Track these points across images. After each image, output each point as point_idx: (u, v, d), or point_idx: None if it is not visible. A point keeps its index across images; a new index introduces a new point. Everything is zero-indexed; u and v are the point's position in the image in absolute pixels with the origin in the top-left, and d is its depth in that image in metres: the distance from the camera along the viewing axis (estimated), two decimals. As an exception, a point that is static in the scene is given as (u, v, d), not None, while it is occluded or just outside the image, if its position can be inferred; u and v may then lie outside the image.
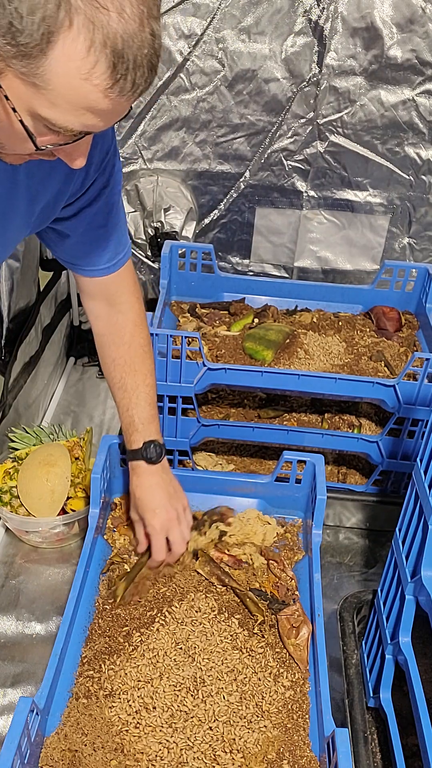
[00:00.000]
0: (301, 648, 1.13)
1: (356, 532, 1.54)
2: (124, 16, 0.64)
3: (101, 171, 1.03)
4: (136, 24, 0.65)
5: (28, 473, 1.41)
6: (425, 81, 1.72)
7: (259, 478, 1.41)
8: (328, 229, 1.96)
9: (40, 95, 0.67)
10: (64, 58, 0.64)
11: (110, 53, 0.65)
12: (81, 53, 0.64)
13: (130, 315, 1.24)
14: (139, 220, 1.95)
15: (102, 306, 1.23)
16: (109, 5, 0.63)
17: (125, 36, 0.65)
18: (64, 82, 0.66)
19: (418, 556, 0.95)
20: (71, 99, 0.68)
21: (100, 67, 0.65)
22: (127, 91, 0.68)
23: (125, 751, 0.97)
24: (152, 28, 0.67)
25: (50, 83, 0.66)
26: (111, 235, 1.13)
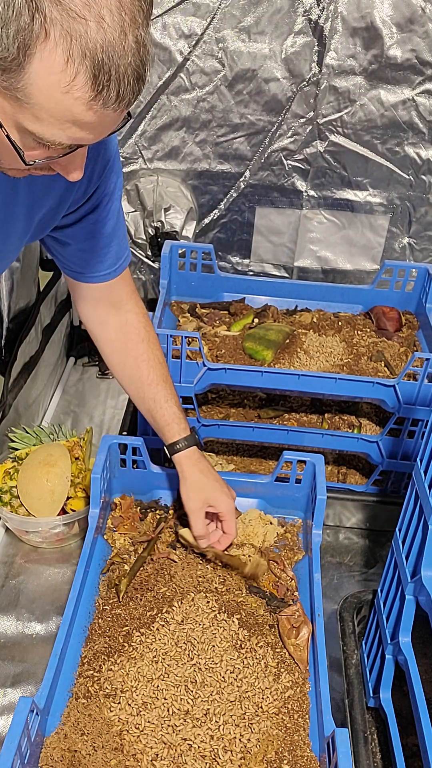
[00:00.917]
0: (301, 648, 1.13)
1: (356, 532, 1.54)
2: (103, 25, 0.61)
3: (103, 179, 1.02)
4: (116, 33, 0.62)
5: (28, 473, 1.41)
6: (425, 81, 1.72)
7: (259, 478, 1.41)
8: (328, 229, 1.96)
9: (24, 109, 0.66)
10: (43, 71, 0.62)
11: (90, 64, 0.62)
12: (59, 65, 0.62)
13: (139, 312, 1.24)
14: (139, 220, 1.95)
15: (106, 310, 1.22)
16: (87, 15, 0.60)
17: (106, 46, 0.62)
18: (45, 96, 0.64)
19: (418, 556, 0.95)
20: (54, 112, 0.66)
21: (80, 79, 0.63)
22: (112, 102, 0.66)
23: (125, 751, 0.97)
24: (136, 36, 0.64)
25: (32, 97, 0.65)
26: (112, 242, 1.13)
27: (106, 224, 1.09)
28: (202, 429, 1.49)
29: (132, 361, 1.25)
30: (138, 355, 1.24)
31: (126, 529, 1.33)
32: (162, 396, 1.25)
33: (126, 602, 1.19)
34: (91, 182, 1.01)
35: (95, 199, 1.04)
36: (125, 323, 1.24)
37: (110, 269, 1.16)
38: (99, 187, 1.02)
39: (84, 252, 1.12)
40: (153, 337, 1.27)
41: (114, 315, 1.23)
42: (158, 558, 1.26)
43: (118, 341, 1.25)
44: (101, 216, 1.07)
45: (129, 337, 1.24)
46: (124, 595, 1.19)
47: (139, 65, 0.66)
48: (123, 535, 1.32)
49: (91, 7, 0.60)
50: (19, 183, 0.89)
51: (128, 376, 1.27)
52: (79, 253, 1.12)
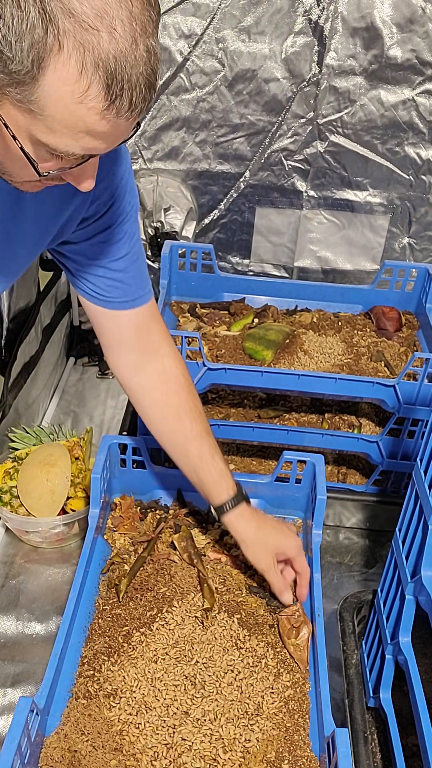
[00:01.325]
0: (301, 648, 1.13)
1: (356, 532, 1.54)
2: (115, 35, 0.62)
3: (117, 198, 0.99)
4: (128, 43, 0.63)
5: (28, 473, 1.41)
6: (425, 81, 1.72)
7: (259, 478, 1.41)
8: (328, 229, 1.96)
9: (37, 121, 0.67)
10: (56, 82, 0.63)
11: (103, 74, 0.63)
12: (73, 77, 0.63)
13: (173, 355, 1.17)
14: (139, 220, 1.95)
15: (141, 356, 1.14)
16: (99, 26, 0.61)
17: (118, 56, 0.63)
18: (59, 107, 0.65)
19: (418, 556, 0.95)
20: (68, 123, 0.66)
21: (94, 89, 0.64)
22: (125, 111, 0.66)
23: (125, 750, 0.97)
24: (147, 46, 0.65)
25: (46, 109, 0.65)
26: (127, 269, 1.07)
27: (120, 245, 1.04)
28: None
29: (174, 413, 1.17)
30: (179, 406, 1.16)
31: (126, 529, 1.33)
32: (207, 451, 1.17)
33: (126, 602, 1.19)
34: (102, 200, 0.98)
35: (108, 218, 1.00)
36: (163, 371, 1.16)
37: (127, 297, 1.08)
38: (113, 205, 0.99)
39: (95, 271, 1.06)
40: (192, 385, 1.19)
41: (149, 360, 1.15)
42: (158, 558, 1.26)
43: (156, 391, 1.17)
44: (113, 236, 1.03)
45: (169, 386, 1.16)
46: (124, 595, 1.19)
47: (150, 74, 0.67)
48: (123, 535, 1.32)
49: (103, 19, 0.61)
50: (23, 199, 0.88)
51: (169, 430, 1.18)
52: (90, 274, 1.06)
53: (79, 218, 0.98)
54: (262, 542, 1.18)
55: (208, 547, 1.29)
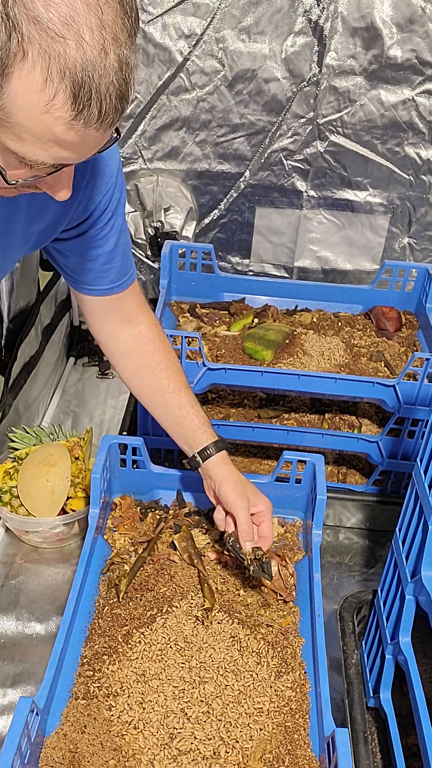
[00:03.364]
0: (278, 578, 1.18)
1: (356, 532, 1.54)
2: (83, 44, 0.60)
3: (105, 196, 1.01)
4: (96, 51, 0.61)
5: (28, 473, 1.41)
6: (425, 81, 1.72)
7: (259, 478, 1.41)
8: (328, 229, 1.96)
9: (5, 129, 0.65)
10: (22, 90, 0.61)
11: (69, 83, 0.61)
12: (38, 85, 0.61)
13: (151, 323, 1.22)
14: (139, 220, 1.95)
15: (117, 324, 1.20)
16: (66, 34, 0.59)
17: (86, 65, 0.61)
18: (25, 115, 0.63)
19: (418, 556, 0.95)
20: (36, 132, 0.65)
21: (60, 98, 0.62)
22: (94, 122, 0.64)
23: (125, 750, 0.97)
24: (119, 55, 0.63)
25: (12, 116, 0.64)
26: (113, 258, 1.11)
27: (107, 241, 1.07)
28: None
29: (150, 372, 1.22)
30: (155, 365, 1.22)
31: (126, 529, 1.33)
32: (187, 402, 1.22)
33: (126, 602, 1.19)
34: (92, 200, 0.99)
35: (96, 216, 1.02)
36: (138, 335, 1.21)
37: (113, 284, 1.14)
38: (100, 203, 1.01)
39: (84, 265, 1.10)
40: (168, 346, 1.25)
41: (125, 328, 1.21)
42: (158, 558, 1.26)
43: (132, 354, 1.22)
44: (102, 233, 1.05)
45: (144, 348, 1.22)
46: (124, 595, 1.19)
47: (121, 84, 0.64)
48: (123, 535, 1.32)
49: (70, 26, 0.59)
50: (19, 199, 0.88)
51: (147, 387, 1.24)
52: (79, 266, 1.11)
53: (68, 217, 0.99)
54: (241, 486, 1.19)
55: (208, 547, 1.29)
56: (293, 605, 1.21)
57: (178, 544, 1.27)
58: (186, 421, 1.22)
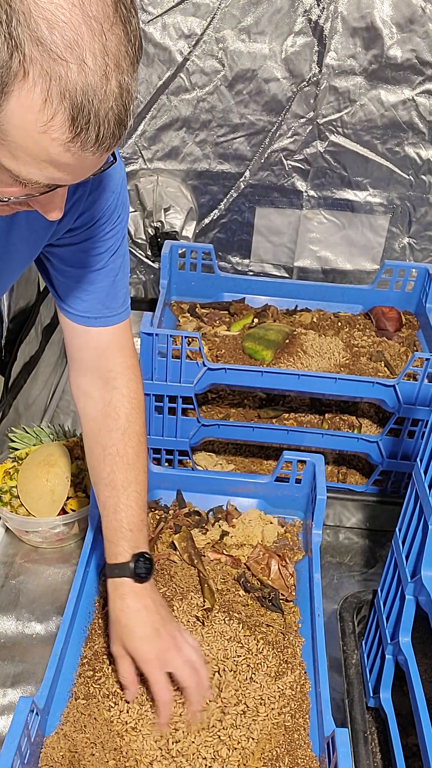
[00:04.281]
0: (278, 578, 1.19)
1: (356, 532, 1.54)
2: (84, 68, 0.60)
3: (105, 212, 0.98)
4: (98, 77, 0.61)
5: (28, 473, 1.41)
6: (425, 81, 1.72)
7: (259, 478, 1.41)
8: (328, 229, 1.96)
9: (1, 146, 0.65)
10: (20, 109, 0.61)
11: (69, 106, 0.61)
12: (37, 105, 0.61)
13: (125, 392, 1.09)
14: (139, 220, 1.95)
15: (93, 381, 1.10)
16: (69, 57, 0.59)
17: (86, 89, 0.61)
18: (22, 134, 0.63)
19: (418, 556, 0.95)
20: (31, 151, 0.64)
21: (58, 120, 0.62)
22: (91, 145, 0.64)
23: (125, 751, 0.97)
24: (120, 82, 0.63)
25: (9, 134, 0.63)
26: (102, 280, 1.03)
27: (99, 258, 1.01)
28: (201, 429, 1.49)
29: (100, 450, 1.10)
30: (107, 446, 1.09)
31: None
32: (112, 504, 1.08)
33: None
34: (90, 213, 0.96)
35: (93, 231, 0.98)
36: (107, 402, 1.09)
37: (89, 313, 1.04)
38: (99, 220, 0.97)
39: (66, 277, 1.03)
40: (136, 428, 1.10)
41: (98, 388, 1.10)
42: (158, 558, 1.26)
43: (95, 421, 1.10)
44: (94, 248, 1.00)
45: (105, 421, 1.09)
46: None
47: (121, 110, 0.64)
48: (123, 535, 1.32)
49: (73, 50, 0.59)
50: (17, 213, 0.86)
51: (91, 467, 1.12)
52: (61, 277, 1.03)
53: (66, 228, 0.96)
54: (121, 630, 1.03)
55: (208, 548, 1.29)
56: (293, 605, 1.21)
57: (178, 544, 1.27)
58: (104, 524, 1.10)
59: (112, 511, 1.08)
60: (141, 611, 1.03)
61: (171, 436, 1.49)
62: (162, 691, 0.99)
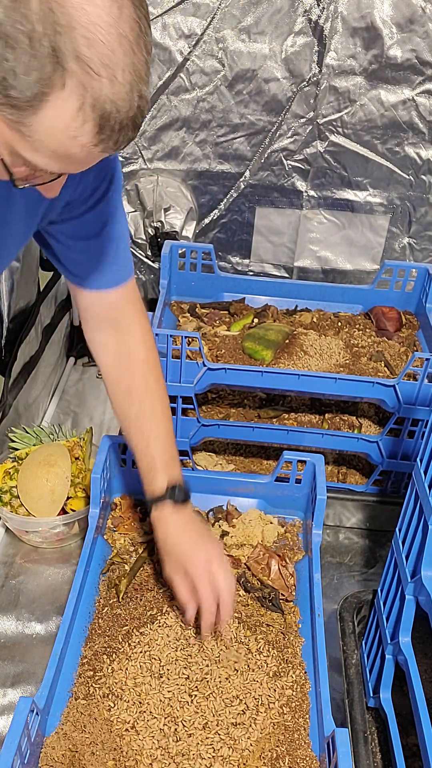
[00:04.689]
0: (279, 578, 1.19)
1: (356, 532, 1.54)
2: (115, 83, 0.66)
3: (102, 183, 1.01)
4: (125, 90, 0.67)
5: (28, 473, 1.41)
6: (425, 81, 1.72)
7: (259, 478, 1.41)
8: (328, 229, 1.96)
9: (24, 140, 0.70)
10: (53, 115, 0.66)
11: (98, 116, 0.67)
12: (70, 113, 0.66)
13: (138, 335, 1.16)
14: (139, 220, 1.95)
15: (109, 333, 1.16)
16: (102, 72, 0.65)
17: (115, 100, 0.67)
18: (50, 136, 0.68)
19: (418, 556, 0.95)
20: (54, 149, 0.70)
21: (87, 127, 0.68)
22: (111, 148, 0.71)
23: (125, 750, 0.97)
24: (140, 92, 0.69)
25: (36, 133, 0.68)
26: (107, 246, 1.08)
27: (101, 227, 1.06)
28: (201, 429, 1.49)
29: (124, 391, 1.17)
30: (131, 385, 1.16)
31: (126, 529, 1.33)
32: (145, 437, 1.15)
33: (126, 602, 1.19)
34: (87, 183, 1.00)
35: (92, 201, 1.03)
36: (124, 346, 1.17)
37: (98, 278, 1.10)
38: (97, 190, 1.01)
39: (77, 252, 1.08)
40: (155, 363, 1.18)
41: (114, 338, 1.16)
42: (158, 558, 1.26)
43: (115, 368, 1.17)
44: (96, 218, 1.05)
45: (125, 365, 1.16)
46: (124, 595, 1.19)
47: (137, 116, 0.71)
48: (123, 535, 1.32)
49: (107, 67, 0.65)
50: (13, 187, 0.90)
51: (119, 410, 1.19)
52: (72, 253, 1.09)
53: (64, 201, 1.00)
54: (170, 548, 1.12)
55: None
56: (293, 605, 1.22)
57: None
58: (138, 459, 1.17)
59: (144, 445, 1.15)
60: (186, 526, 1.12)
61: (171, 436, 1.49)
62: (209, 599, 1.07)
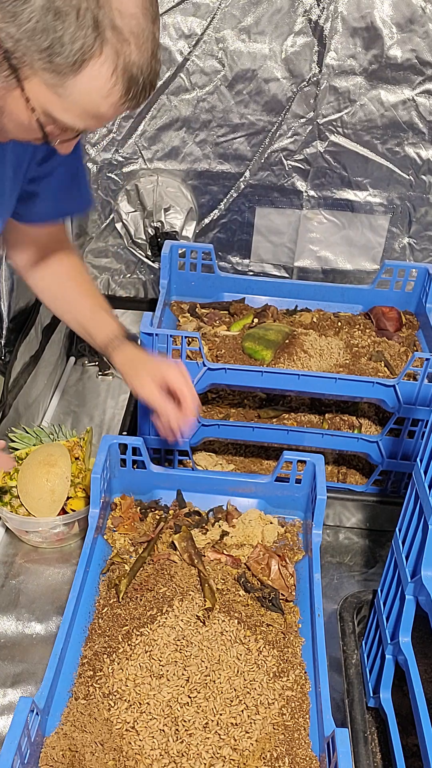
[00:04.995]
0: (279, 578, 1.19)
1: (356, 532, 1.54)
2: (141, 49, 0.79)
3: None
4: (148, 54, 0.80)
5: (28, 473, 1.41)
6: (425, 81, 1.72)
7: (259, 478, 1.41)
8: (328, 229, 1.96)
9: (58, 101, 0.80)
10: (90, 78, 0.78)
11: (127, 79, 0.80)
12: (105, 76, 0.79)
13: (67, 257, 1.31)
14: (139, 220, 1.95)
15: (38, 257, 1.29)
16: (131, 40, 0.78)
17: (140, 65, 0.80)
18: (85, 96, 0.80)
19: (418, 556, 0.95)
20: (86, 108, 0.81)
21: (117, 89, 0.80)
22: (133, 106, 0.84)
23: (125, 750, 0.97)
24: (158, 56, 0.82)
25: (72, 95, 0.80)
26: (81, 181, 1.22)
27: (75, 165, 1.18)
28: (201, 429, 1.49)
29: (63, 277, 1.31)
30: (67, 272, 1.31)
31: (126, 529, 1.33)
32: (91, 296, 1.31)
33: (126, 602, 1.19)
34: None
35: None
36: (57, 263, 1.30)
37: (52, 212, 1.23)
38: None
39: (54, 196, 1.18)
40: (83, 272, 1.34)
41: (44, 259, 1.30)
42: (158, 558, 1.26)
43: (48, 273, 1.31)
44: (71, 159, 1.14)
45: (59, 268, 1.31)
46: (124, 595, 1.19)
47: (155, 78, 0.84)
48: (123, 535, 1.32)
49: (135, 35, 0.78)
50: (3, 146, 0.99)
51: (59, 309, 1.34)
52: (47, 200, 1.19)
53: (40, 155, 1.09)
54: (141, 364, 1.25)
55: (208, 548, 1.29)
56: (293, 605, 1.22)
57: (178, 544, 1.27)
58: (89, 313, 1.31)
59: (93, 296, 1.32)
60: (148, 354, 1.28)
61: (171, 436, 1.49)
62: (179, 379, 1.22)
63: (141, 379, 1.24)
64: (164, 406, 1.23)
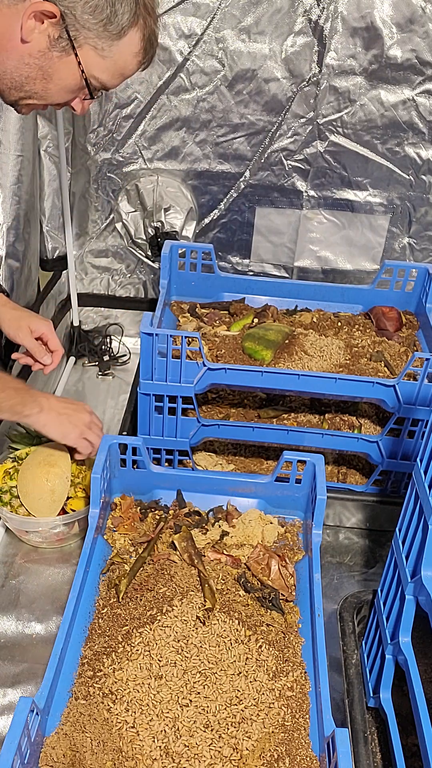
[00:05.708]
0: (278, 578, 1.20)
1: (356, 532, 1.54)
2: (156, 21, 1.08)
3: None
4: (156, 25, 1.09)
5: (28, 473, 1.41)
6: (425, 81, 1.72)
7: (259, 478, 1.41)
8: (328, 229, 1.96)
9: (101, 64, 1.05)
10: (128, 42, 1.06)
11: (147, 42, 1.08)
12: (138, 41, 1.07)
13: None
14: (139, 220, 1.95)
15: None
16: (151, 12, 1.07)
17: (155, 31, 1.08)
18: (122, 57, 1.06)
19: (418, 556, 0.95)
20: (119, 68, 1.08)
21: (142, 51, 1.08)
22: (146, 65, 1.11)
23: (125, 750, 0.97)
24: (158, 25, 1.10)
25: (113, 57, 1.05)
26: None
27: None
28: (201, 429, 1.49)
29: None
30: None
31: (126, 529, 1.33)
32: None
33: (126, 602, 1.19)
34: None
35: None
36: None
37: None
38: None
39: None
40: None
41: None
42: (158, 558, 1.26)
43: None
44: None
45: None
46: (124, 595, 1.19)
47: (157, 43, 1.12)
48: (123, 535, 1.32)
49: (153, 10, 1.07)
50: None
51: None
52: None
53: None
54: (16, 318, 1.45)
55: (208, 548, 1.29)
56: (293, 605, 1.22)
57: (178, 544, 1.27)
58: None
59: None
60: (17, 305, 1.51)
61: (171, 436, 1.49)
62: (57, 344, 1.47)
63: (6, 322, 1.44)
64: (33, 344, 1.45)
